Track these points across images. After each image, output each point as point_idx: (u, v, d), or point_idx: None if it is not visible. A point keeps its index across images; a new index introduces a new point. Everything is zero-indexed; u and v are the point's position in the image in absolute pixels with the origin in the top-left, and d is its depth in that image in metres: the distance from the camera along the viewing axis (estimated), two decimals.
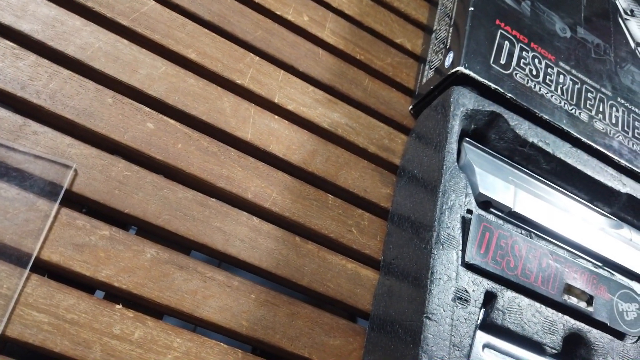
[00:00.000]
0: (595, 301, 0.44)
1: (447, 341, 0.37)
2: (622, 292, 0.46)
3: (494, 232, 0.42)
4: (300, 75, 0.53)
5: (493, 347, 0.39)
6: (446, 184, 0.43)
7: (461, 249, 0.41)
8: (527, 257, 0.43)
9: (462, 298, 0.39)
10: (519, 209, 0.47)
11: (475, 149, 0.49)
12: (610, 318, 0.44)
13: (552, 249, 0.45)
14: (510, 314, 0.40)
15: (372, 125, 0.54)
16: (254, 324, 0.40)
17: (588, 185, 0.53)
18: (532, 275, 0.42)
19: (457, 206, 0.43)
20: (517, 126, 0.50)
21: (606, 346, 0.43)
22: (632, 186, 0.55)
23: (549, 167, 0.52)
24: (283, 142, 0.48)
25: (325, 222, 0.47)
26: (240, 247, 0.42)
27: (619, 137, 0.57)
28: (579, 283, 0.44)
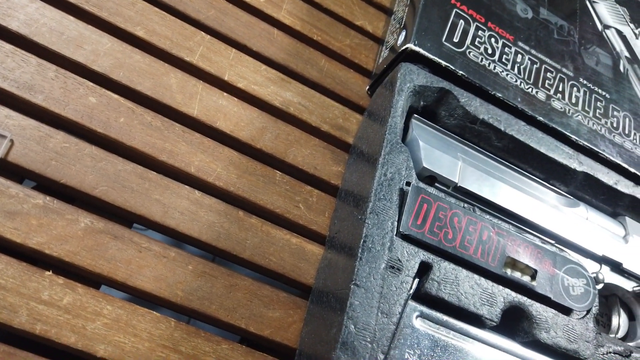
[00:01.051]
0: (539, 275, 0.44)
1: (375, 308, 0.37)
2: (568, 267, 0.46)
3: (432, 204, 0.42)
4: (254, 54, 0.53)
5: (427, 317, 0.39)
6: (386, 156, 0.43)
7: (397, 220, 0.41)
8: (467, 230, 0.43)
9: (394, 267, 0.39)
10: (464, 184, 0.47)
11: (423, 125, 0.49)
12: (554, 292, 0.44)
13: (496, 223, 0.44)
14: (446, 285, 0.40)
15: (326, 104, 0.54)
16: (189, 295, 0.40)
17: (542, 163, 0.53)
18: (471, 248, 0.42)
19: (396, 179, 0.42)
20: (467, 103, 0.50)
21: (549, 320, 0.43)
22: (590, 165, 0.54)
23: (500, 144, 0.52)
24: (231, 119, 0.48)
25: (271, 197, 0.47)
26: (180, 220, 0.42)
27: (578, 117, 0.57)
28: (521, 257, 0.44)
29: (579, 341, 0.43)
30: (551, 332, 0.42)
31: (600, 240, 0.51)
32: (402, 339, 0.37)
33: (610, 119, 0.59)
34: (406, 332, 0.38)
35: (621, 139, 0.58)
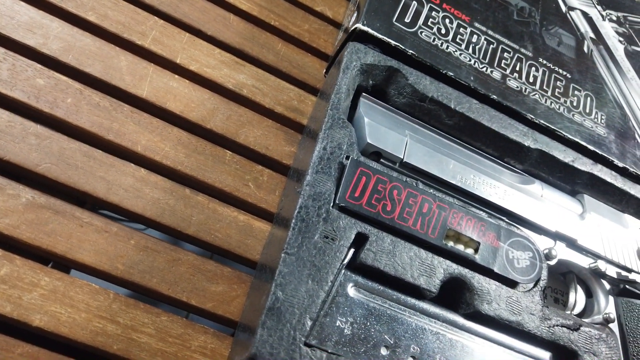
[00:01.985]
0: (482, 248, 0.44)
1: (306, 276, 0.37)
2: (513, 240, 0.45)
3: (371, 177, 0.42)
4: (208, 38, 0.54)
5: (362, 286, 0.39)
6: (326, 131, 0.43)
7: (335, 192, 0.41)
8: (407, 202, 0.43)
9: (328, 237, 0.39)
10: (411, 160, 0.47)
11: (371, 103, 0.49)
12: (498, 265, 0.44)
13: (438, 196, 0.44)
14: (382, 255, 0.40)
15: (281, 87, 0.55)
16: (130, 268, 0.41)
17: (495, 141, 0.53)
18: (410, 220, 0.42)
19: (336, 153, 0.43)
20: (416, 81, 0.50)
21: (492, 292, 0.43)
22: (546, 142, 0.54)
23: (451, 122, 0.52)
24: (181, 100, 0.49)
25: (220, 176, 0.48)
26: (123, 196, 0.43)
27: (535, 96, 0.57)
28: (463, 229, 0.44)
29: (522, 313, 0.43)
30: (493, 304, 0.42)
31: (554, 216, 0.51)
32: (334, 307, 0.37)
33: (571, 98, 0.59)
34: (339, 301, 0.38)
35: (581, 117, 0.58)
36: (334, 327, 0.37)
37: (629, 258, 0.52)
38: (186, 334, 0.40)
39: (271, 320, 0.34)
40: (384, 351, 0.38)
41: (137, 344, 0.39)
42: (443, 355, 0.39)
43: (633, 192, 0.56)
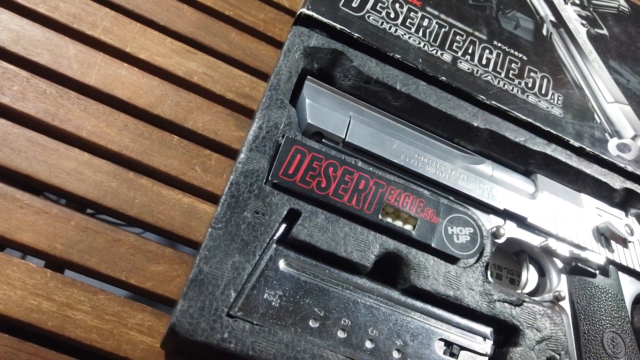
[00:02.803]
0: (419, 223, 0.44)
1: (232, 251, 0.37)
2: (453, 216, 0.45)
3: (306, 155, 0.43)
4: (160, 28, 0.55)
5: (293, 260, 0.39)
6: (263, 111, 0.44)
7: (269, 170, 0.42)
8: (343, 179, 0.43)
9: (258, 212, 0.40)
10: (353, 140, 0.47)
11: (315, 85, 0.50)
12: (436, 240, 0.44)
13: (376, 173, 0.45)
14: (315, 231, 0.40)
15: (233, 74, 0.56)
16: (69, 248, 0.42)
17: (443, 121, 0.53)
18: (345, 196, 0.43)
19: (272, 132, 0.43)
20: (361, 64, 0.51)
21: (429, 267, 0.43)
22: (496, 123, 0.54)
23: (398, 103, 0.52)
24: (129, 87, 0.50)
25: (166, 160, 0.48)
26: (65, 179, 0.44)
27: (488, 77, 0.57)
28: (400, 205, 0.44)
29: (461, 288, 0.43)
30: (430, 279, 0.42)
31: (504, 195, 0.51)
32: (263, 280, 0.38)
33: (526, 80, 0.59)
34: (269, 274, 0.38)
35: (536, 98, 0.58)
36: (261, 299, 0.37)
37: (582, 237, 0.52)
38: (123, 312, 0.41)
39: (193, 292, 0.35)
40: (313, 323, 0.38)
41: (72, 320, 0.39)
42: (375, 328, 0.39)
43: (589, 172, 0.56)
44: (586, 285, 0.49)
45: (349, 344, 0.38)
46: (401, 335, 0.40)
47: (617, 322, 0.49)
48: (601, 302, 0.49)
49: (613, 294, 0.50)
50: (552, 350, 0.44)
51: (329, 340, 0.38)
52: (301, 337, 0.37)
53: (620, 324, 0.49)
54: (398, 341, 0.39)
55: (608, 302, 0.49)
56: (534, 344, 0.43)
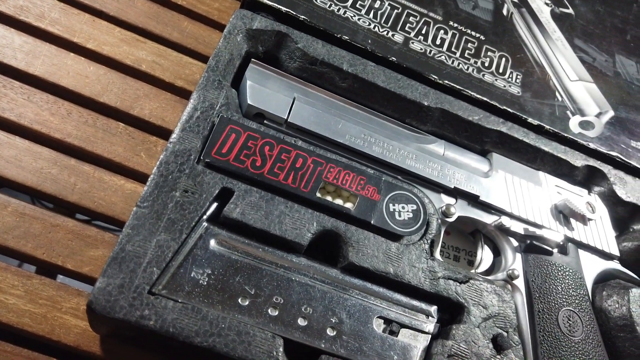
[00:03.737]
0: (360, 201, 0.43)
1: (158, 229, 0.37)
2: (396, 193, 0.45)
3: (241, 134, 0.42)
4: (110, 18, 0.55)
5: (224, 239, 0.39)
6: (199, 91, 0.44)
7: (201, 149, 0.41)
8: (279, 158, 0.42)
9: (188, 191, 0.39)
10: (296, 120, 0.47)
11: (259, 68, 0.49)
12: (376, 217, 0.43)
13: (315, 152, 0.44)
14: (249, 210, 0.40)
15: (184, 62, 0.55)
16: (4, 234, 0.42)
17: (392, 101, 0.52)
18: (281, 174, 0.42)
19: (207, 113, 0.43)
20: (306, 45, 0.50)
21: (369, 245, 0.42)
22: (449, 102, 0.53)
23: (345, 84, 0.51)
24: (75, 77, 0.50)
25: (110, 147, 0.48)
26: (4, 166, 0.44)
27: (441, 57, 0.56)
28: (340, 183, 0.43)
29: (403, 265, 0.42)
30: (369, 256, 0.41)
31: (454, 174, 0.50)
32: (190, 259, 0.37)
33: (482, 59, 0.58)
34: (197, 253, 0.38)
35: (492, 77, 0.57)
36: (187, 278, 0.36)
37: (539, 214, 0.51)
38: (58, 296, 0.40)
39: (112, 269, 0.34)
40: (243, 301, 0.37)
41: (4, 305, 0.39)
42: (310, 306, 0.38)
43: (548, 150, 0.54)
44: (542, 263, 0.48)
45: (280, 321, 0.37)
46: (337, 313, 0.39)
47: (575, 300, 0.47)
48: (557, 280, 0.48)
49: (571, 272, 0.48)
50: (499, 327, 0.42)
51: (258, 317, 0.37)
52: (228, 314, 0.36)
53: (578, 302, 0.47)
54: (333, 318, 0.39)
55: (565, 280, 0.48)
56: (480, 321, 0.42)
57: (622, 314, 0.47)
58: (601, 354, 0.45)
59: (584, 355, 0.44)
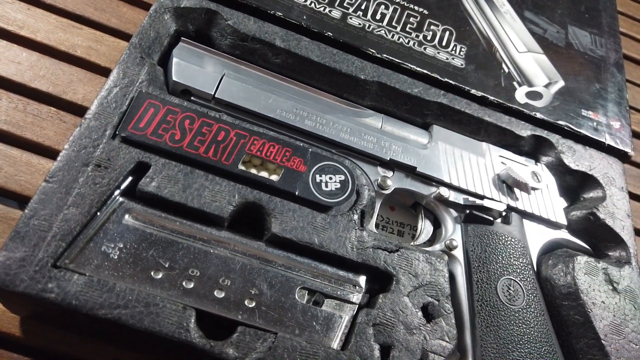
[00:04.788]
0: (285, 172, 0.42)
1: (66, 204, 0.36)
2: (323, 164, 0.44)
3: (160, 108, 0.42)
4: (45, 6, 0.55)
5: (139, 214, 0.38)
6: (120, 66, 0.43)
7: (117, 124, 0.41)
8: (200, 131, 0.42)
9: (100, 166, 0.38)
10: (224, 96, 0.46)
11: (189, 46, 0.49)
12: (301, 188, 0.42)
13: (239, 125, 0.43)
14: (166, 183, 0.39)
15: (121, 47, 0.55)
16: None
17: (328, 76, 0.51)
18: (202, 147, 0.41)
19: (127, 89, 0.42)
20: (237, 22, 0.50)
21: (294, 216, 0.41)
22: (387, 75, 0.52)
23: (279, 60, 0.51)
24: (7, 63, 0.50)
25: (40, 131, 0.48)
26: None
27: (381, 32, 0.55)
28: (264, 155, 0.42)
29: (329, 236, 0.41)
30: (293, 227, 0.41)
31: (391, 146, 0.49)
32: (102, 233, 0.37)
33: (424, 33, 0.57)
34: (109, 227, 0.37)
35: (434, 50, 0.56)
36: (97, 252, 0.36)
37: (480, 185, 0.50)
38: None
39: (14, 243, 0.34)
40: (156, 274, 0.36)
41: None
42: (228, 278, 0.38)
43: (491, 120, 0.53)
44: (482, 233, 0.47)
45: (194, 294, 0.36)
46: (257, 284, 0.38)
47: (517, 269, 0.46)
48: (498, 249, 0.46)
49: (513, 241, 0.47)
50: (429, 296, 0.41)
51: (172, 290, 0.36)
52: (139, 287, 0.35)
53: (519, 270, 0.46)
54: (253, 290, 0.38)
55: (506, 250, 0.47)
56: (410, 290, 0.41)
57: (567, 282, 0.46)
58: (543, 322, 0.44)
59: (523, 324, 0.43)
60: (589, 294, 0.45)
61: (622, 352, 0.44)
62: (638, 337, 0.45)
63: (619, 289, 0.47)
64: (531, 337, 0.43)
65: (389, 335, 0.38)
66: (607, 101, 0.60)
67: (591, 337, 0.44)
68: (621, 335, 0.45)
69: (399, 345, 0.38)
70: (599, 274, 0.47)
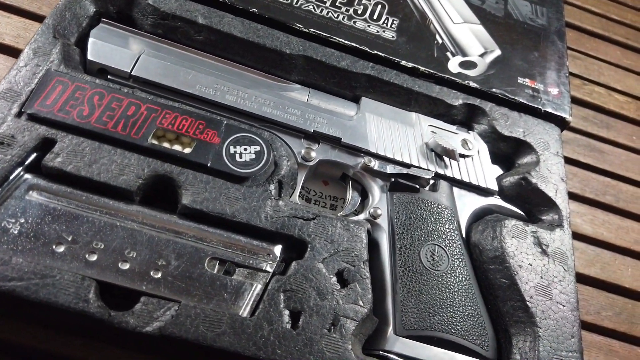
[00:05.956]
0: (197, 145, 0.42)
1: None
2: (238, 136, 0.44)
3: (69, 85, 0.42)
4: None
5: (44, 189, 0.38)
6: (29, 48, 0.43)
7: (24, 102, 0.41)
8: (109, 107, 0.42)
9: (3, 143, 0.38)
10: (140, 74, 0.46)
11: (108, 27, 0.49)
12: (214, 160, 0.42)
13: (150, 99, 0.43)
14: (72, 158, 0.39)
15: None
16: None
17: (252, 51, 0.51)
18: (110, 122, 0.41)
19: (36, 68, 0.42)
20: (157, 1, 0.50)
21: (206, 188, 0.41)
22: (314, 49, 0.52)
23: (202, 37, 0.51)
24: None
25: None
26: None
27: (309, 7, 0.55)
28: (175, 128, 0.42)
29: (242, 206, 0.41)
30: (205, 199, 0.40)
31: (315, 118, 0.49)
32: (2, 209, 0.36)
33: (355, 7, 0.57)
34: (10, 203, 0.37)
35: (365, 24, 0.56)
36: None
37: (407, 154, 0.50)
38: None
39: None
40: (58, 248, 0.36)
41: None
42: (134, 250, 0.37)
43: (421, 90, 0.53)
44: (407, 201, 0.47)
45: (97, 266, 0.36)
46: (164, 255, 0.38)
47: (442, 235, 0.46)
48: (423, 216, 0.46)
49: (439, 208, 0.47)
50: (345, 262, 0.41)
51: (74, 263, 0.36)
52: (38, 260, 0.35)
53: (445, 236, 0.46)
54: (160, 261, 0.37)
55: (432, 216, 0.46)
56: (325, 256, 0.41)
57: (494, 246, 0.46)
58: (467, 287, 0.44)
59: (446, 288, 0.43)
60: (516, 256, 0.45)
61: (548, 312, 0.43)
62: (567, 298, 0.45)
63: (548, 252, 0.47)
64: (454, 301, 0.43)
65: (300, 301, 0.38)
66: (545, 69, 0.60)
67: (517, 300, 0.43)
68: (548, 297, 0.44)
69: (309, 310, 0.38)
70: (527, 236, 0.47)
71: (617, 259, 0.61)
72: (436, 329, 0.41)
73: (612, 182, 0.67)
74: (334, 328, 0.38)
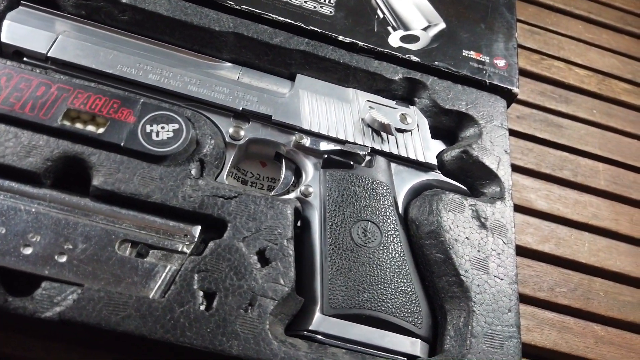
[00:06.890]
0: (110, 124, 0.41)
1: None
2: (155, 114, 0.42)
3: None
4: None
5: None
6: None
7: None
8: (17, 88, 0.40)
9: None
10: (58, 55, 0.44)
11: (28, 9, 0.47)
12: (128, 139, 0.40)
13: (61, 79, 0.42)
14: None
15: None
16: None
17: (180, 30, 0.50)
18: (17, 104, 0.39)
19: None
20: None
21: (121, 168, 0.39)
22: (245, 26, 0.51)
23: (126, 17, 0.49)
24: None
25: None
26: None
27: None
28: (88, 108, 0.41)
29: (158, 186, 0.39)
30: (118, 180, 0.39)
31: (245, 96, 0.47)
32: None
33: None
34: None
35: (301, 0, 0.54)
36: None
37: (343, 130, 0.48)
38: None
39: None
40: None
41: None
42: (38, 234, 0.36)
43: (358, 65, 0.52)
44: (340, 177, 0.45)
45: None
46: (71, 238, 0.36)
47: (376, 210, 0.44)
48: (356, 192, 0.45)
49: (374, 184, 0.45)
50: (267, 240, 0.39)
51: None
52: None
53: (379, 212, 0.44)
54: (66, 245, 0.36)
55: (366, 192, 0.45)
56: (246, 235, 0.39)
57: (430, 220, 0.44)
58: (400, 263, 0.42)
59: (377, 265, 0.41)
60: (452, 230, 0.43)
61: (484, 286, 0.42)
62: (504, 271, 0.43)
63: (487, 225, 0.45)
64: (385, 278, 0.41)
65: (215, 282, 0.36)
66: (492, 41, 0.58)
67: (451, 274, 0.42)
68: (484, 270, 0.43)
69: (225, 290, 0.36)
70: (465, 210, 0.45)
71: (574, 234, 0.60)
72: (365, 307, 0.40)
73: (570, 156, 0.66)
74: (251, 308, 0.36)
